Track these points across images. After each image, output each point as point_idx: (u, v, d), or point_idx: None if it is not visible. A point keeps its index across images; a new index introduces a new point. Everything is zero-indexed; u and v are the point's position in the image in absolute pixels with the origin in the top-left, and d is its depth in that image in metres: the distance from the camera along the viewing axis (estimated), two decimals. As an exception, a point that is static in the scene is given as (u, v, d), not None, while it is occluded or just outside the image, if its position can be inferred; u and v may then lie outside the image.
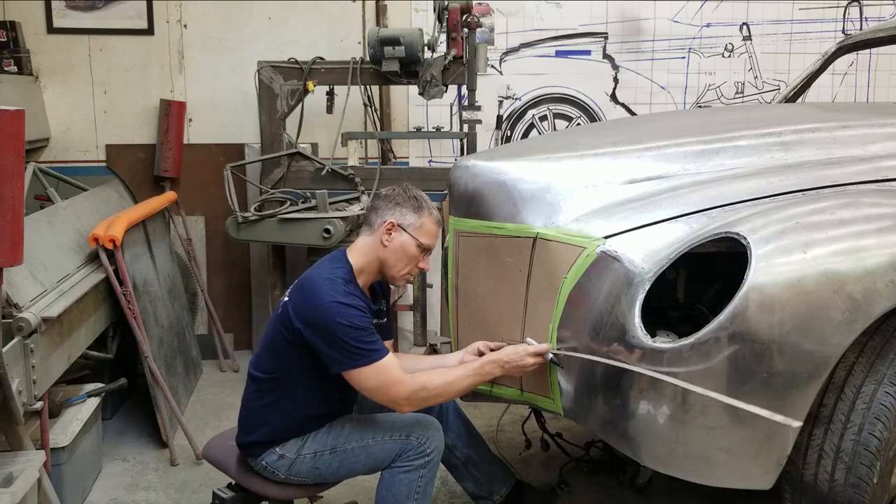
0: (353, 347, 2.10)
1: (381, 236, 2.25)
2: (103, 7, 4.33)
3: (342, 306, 2.10)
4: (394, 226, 2.25)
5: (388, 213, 2.27)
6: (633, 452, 2.01)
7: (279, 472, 2.27)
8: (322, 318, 2.10)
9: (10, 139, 2.12)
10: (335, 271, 2.21)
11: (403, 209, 2.26)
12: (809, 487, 1.99)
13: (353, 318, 2.10)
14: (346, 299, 2.12)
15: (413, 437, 2.24)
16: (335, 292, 2.12)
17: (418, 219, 2.26)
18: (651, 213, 2.13)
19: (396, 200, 2.27)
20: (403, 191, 2.30)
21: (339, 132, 4.05)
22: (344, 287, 2.16)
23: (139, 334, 3.24)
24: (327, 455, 2.26)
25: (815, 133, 2.34)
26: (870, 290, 1.80)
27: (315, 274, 2.22)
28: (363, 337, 2.11)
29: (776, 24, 4.68)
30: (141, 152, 4.45)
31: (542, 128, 4.70)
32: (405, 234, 2.25)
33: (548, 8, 4.57)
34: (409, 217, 2.26)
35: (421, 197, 2.30)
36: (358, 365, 2.11)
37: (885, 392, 1.92)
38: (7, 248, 2.17)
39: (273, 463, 2.27)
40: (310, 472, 2.27)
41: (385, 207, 2.28)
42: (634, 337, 1.92)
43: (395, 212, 2.26)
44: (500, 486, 2.61)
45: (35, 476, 2.35)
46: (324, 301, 2.11)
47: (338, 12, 4.48)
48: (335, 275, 2.19)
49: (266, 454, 2.27)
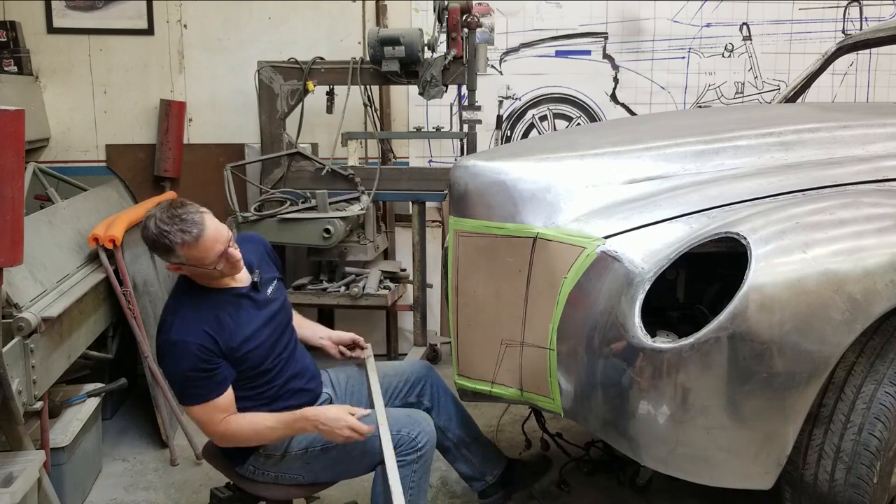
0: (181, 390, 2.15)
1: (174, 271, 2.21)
2: (103, 7, 4.33)
3: (173, 346, 2.10)
4: (175, 266, 2.16)
5: (162, 256, 2.17)
6: (633, 452, 2.01)
7: (268, 472, 2.27)
8: (161, 358, 2.17)
9: (10, 139, 2.12)
10: (179, 292, 2.21)
11: (164, 254, 2.13)
12: (809, 487, 1.99)
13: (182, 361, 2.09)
14: (179, 335, 2.09)
15: (404, 431, 2.24)
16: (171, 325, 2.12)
17: (179, 257, 2.11)
18: (651, 213, 2.13)
19: (154, 247, 2.13)
20: (149, 234, 2.11)
21: (339, 132, 4.05)
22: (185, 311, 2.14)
23: (139, 334, 3.24)
24: (318, 451, 2.25)
25: (815, 133, 2.34)
26: (870, 290, 1.80)
27: (165, 305, 2.23)
28: (191, 383, 2.11)
29: (776, 24, 4.68)
30: (141, 152, 4.45)
31: (542, 128, 4.70)
32: (187, 266, 2.15)
33: (548, 8, 4.57)
34: (172, 257, 2.13)
35: (161, 236, 2.08)
36: (184, 404, 2.17)
37: (885, 392, 1.92)
38: (7, 248, 2.17)
39: (260, 465, 2.26)
40: (301, 468, 2.26)
41: (155, 252, 2.17)
42: (634, 337, 1.92)
43: (161, 256, 2.16)
44: (493, 468, 2.62)
45: (35, 476, 2.35)
46: (161, 339, 2.14)
47: (338, 12, 4.48)
48: (179, 299, 2.19)
49: (250, 458, 2.26)
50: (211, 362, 2.11)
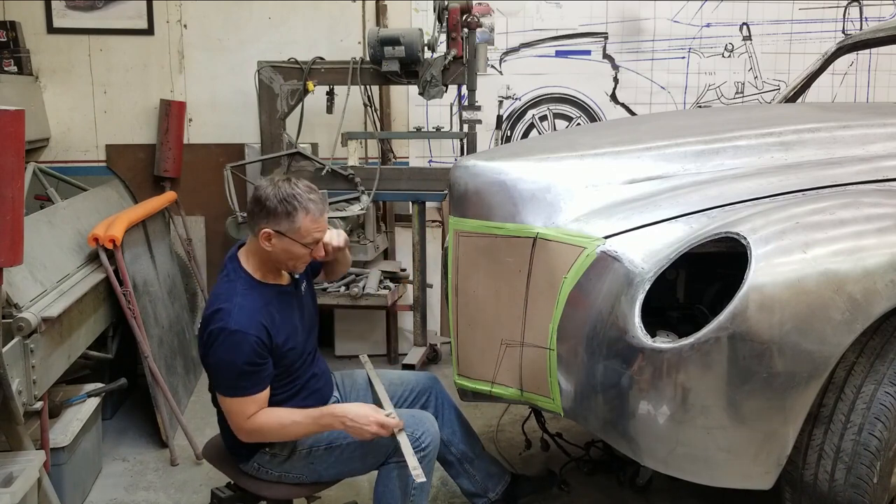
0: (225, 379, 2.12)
1: (262, 243, 2.16)
2: (103, 7, 4.33)
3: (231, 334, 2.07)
4: (270, 234, 2.14)
5: (262, 221, 2.14)
6: (633, 452, 2.01)
7: (272, 471, 2.26)
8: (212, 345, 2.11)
9: (10, 139, 2.12)
10: (233, 284, 2.17)
11: (275, 217, 2.12)
12: (809, 487, 1.99)
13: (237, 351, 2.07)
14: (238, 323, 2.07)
15: (407, 431, 2.23)
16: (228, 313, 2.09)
17: (293, 223, 2.12)
18: (651, 213, 2.13)
19: (267, 207, 2.12)
20: (274, 193, 2.12)
21: (339, 132, 4.05)
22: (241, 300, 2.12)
23: (139, 334, 3.24)
24: (322, 450, 2.25)
25: (815, 133, 2.34)
26: (870, 290, 1.80)
27: (216, 294, 2.18)
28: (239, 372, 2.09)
29: (776, 24, 4.68)
30: (141, 152, 4.45)
31: (542, 128, 4.70)
32: (285, 239, 2.14)
33: (548, 8, 4.57)
34: (284, 223, 2.12)
35: (293, 196, 2.12)
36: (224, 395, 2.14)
37: (885, 392, 1.92)
38: (7, 248, 2.17)
39: (265, 463, 2.26)
40: (305, 468, 2.26)
41: (258, 214, 2.15)
42: (634, 337, 1.92)
43: (267, 220, 2.13)
44: (496, 484, 2.61)
45: (35, 476, 2.35)
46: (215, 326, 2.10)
47: (338, 12, 4.48)
48: (233, 289, 2.15)
49: (256, 455, 2.26)
50: (262, 357, 2.12)
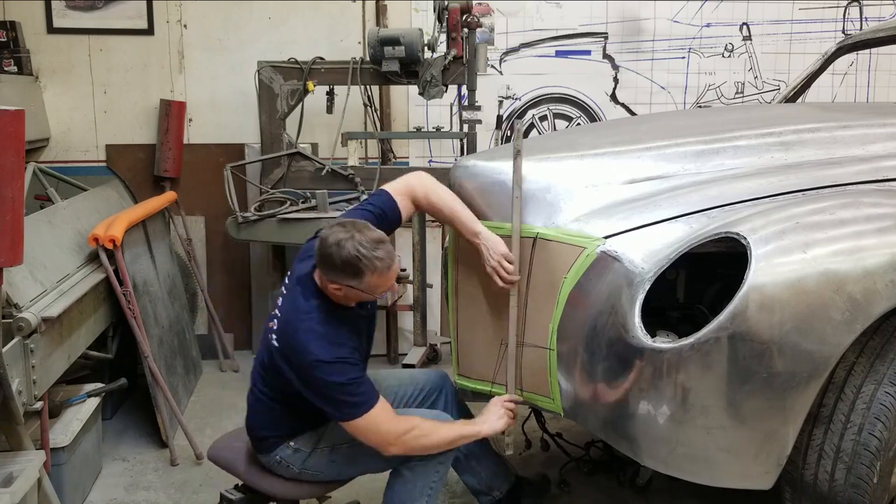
0: (341, 403, 2.08)
1: (330, 290, 2.11)
2: (103, 7, 4.33)
3: (325, 365, 2.03)
4: (339, 287, 2.08)
5: (330, 276, 2.07)
6: (633, 452, 2.01)
7: (293, 466, 2.26)
8: (307, 377, 2.07)
9: (10, 139, 2.12)
10: (312, 313, 2.10)
11: (343, 276, 2.05)
12: (809, 487, 1.99)
13: (339, 374, 2.04)
14: (328, 354, 2.04)
15: None
16: (317, 349, 2.04)
17: (360, 283, 2.05)
18: (651, 213, 2.13)
19: (335, 268, 2.04)
20: (338, 254, 2.02)
21: (339, 132, 4.05)
22: (325, 335, 2.07)
23: (139, 334, 3.24)
24: (345, 448, 2.25)
25: (815, 133, 2.34)
26: (870, 290, 1.80)
27: (297, 324, 2.09)
28: (350, 391, 2.06)
29: (776, 24, 4.68)
30: (141, 152, 4.45)
31: (542, 128, 4.70)
32: (354, 290, 2.09)
33: (548, 8, 4.57)
34: (352, 282, 2.05)
35: (357, 260, 2.01)
36: (347, 418, 2.09)
37: (885, 392, 1.92)
38: (7, 248, 2.17)
39: (287, 457, 2.26)
40: (325, 465, 2.26)
41: (324, 267, 2.07)
42: (634, 337, 1.92)
43: (335, 275, 2.06)
44: (501, 483, 2.61)
45: (35, 476, 2.35)
46: (308, 359, 2.04)
47: (338, 12, 4.48)
48: (315, 322, 2.08)
49: (280, 448, 2.26)
50: (359, 371, 2.10)
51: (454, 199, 2.32)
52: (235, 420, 3.66)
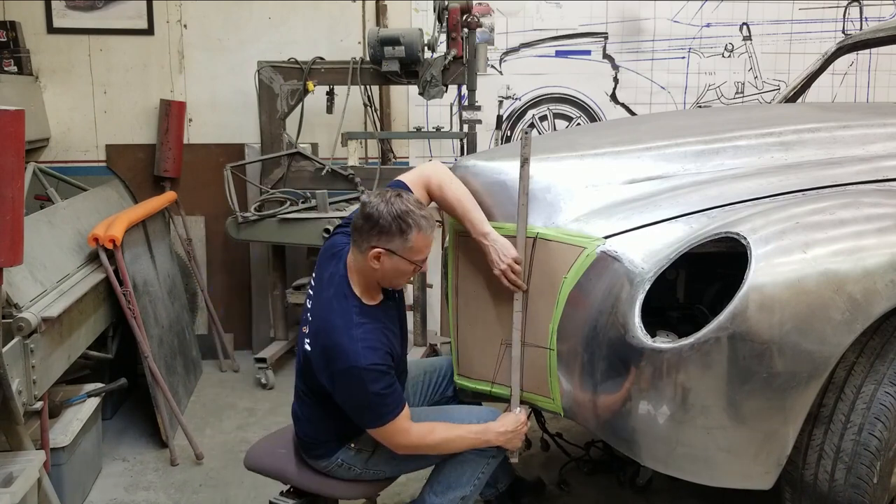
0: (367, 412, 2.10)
1: (369, 262, 2.09)
2: (103, 7, 4.33)
3: (360, 371, 2.02)
4: (380, 254, 2.07)
5: (373, 239, 2.06)
6: (633, 452, 2.01)
7: (356, 467, 2.25)
8: (339, 380, 2.07)
9: (10, 139, 2.12)
10: (348, 314, 2.10)
11: (388, 235, 2.05)
12: (809, 487, 1.99)
13: (372, 382, 2.03)
14: (365, 360, 2.02)
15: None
16: (353, 352, 2.03)
17: (405, 242, 2.06)
18: (651, 213, 2.13)
19: (380, 225, 2.05)
20: (388, 210, 2.04)
21: (339, 132, 4.05)
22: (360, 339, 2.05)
23: (139, 334, 3.24)
24: None
25: (815, 133, 2.34)
26: (870, 290, 1.80)
27: (332, 328, 2.08)
28: (379, 402, 2.07)
29: (776, 24, 4.68)
30: (141, 152, 4.45)
31: (542, 128, 4.70)
32: (395, 257, 2.08)
33: (548, 8, 4.57)
34: (396, 242, 2.06)
35: (407, 213, 2.05)
36: (369, 426, 2.13)
37: (885, 392, 1.92)
38: (7, 248, 2.17)
39: (350, 459, 2.25)
40: (388, 463, 2.26)
41: (367, 231, 2.07)
42: (634, 337, 1.92)
43: (379, 238, 2.06)
44: (504, 477, 2.63)
45: (35, 476, 2.35)
46: (341, 365, 2.04)
47: (338, 12, 4.48)
48: (350, 320, 2.08)
49: (340, 451, 2.24)
50: (392, 377, 2.10)
51: (468, 195, 2.30)
52: (235, 420, 3.66)
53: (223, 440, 3.44)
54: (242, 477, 2.97)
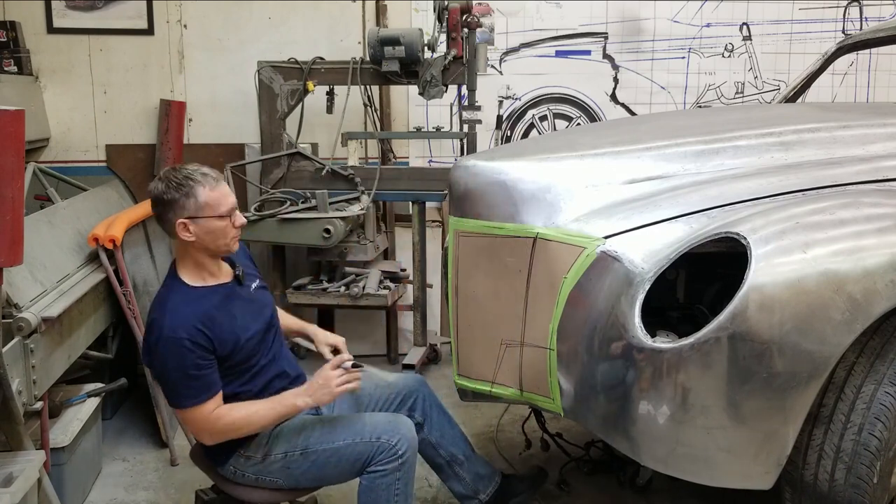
0: (171, 387, 2.12)
1: (182, 237, 2.14)
2: (103, 7, 4.33)
3: (166, 342, 2.06)
4: (185, 224, 2.12)
5: (171, 216, 2.13)
6: (633, 452, 2.01)
7: (248, 473, 2.25)
8: (150, 354, 2.13)
9: (10, 139, 2.12)
10: (166, 293, 2.17)
11: (179, 204, 2.11)
12: (809, 487, 1.99)
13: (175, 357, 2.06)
14: (173, 332, 2.06)
15: (384, 438, 2.20)
16: (162, 324, 2.08)
17: (197, 202, 2.11)
18: (651, 213, 2.13)
19: (166, 201, 2.12)
20: (166, 185, 2.12)
21: (339, 132, 4.05)
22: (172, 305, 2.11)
23: (139, 334, 3.24)
24: (298, 456, 2.24)
25: (815, 133, 2.34)
26: (870, 290, 1.80)
27: (151, 306, 2.19)
28: (184, 383, 2.09)
29: (776, 24, 4.68)
30: (141, 152, 4.45)
31: (542, 128, 4.70)
32: (199, 220, 2.13)
33: (548, 8, 4.57)
34: (190, 206, 2.11)
35: (184, 179, 2.12)
36: (173, 405, 2.17)
37: (885, 392, 1.92)
38: (7, 248, 2.17)
39: (241, 466, 2.25)
40: (280, 472, 2.25)
41: (163, 212, 2.14)
42: (634, 337, 1.92)
43: (175, 212, 2.12)
44: (486, 485, 2.59)
45: (35, 476, 2.35)
46: (151, 337, 2.11)
47: (338, 12, 4.48)
48: (166, 297, 2.16)
49: (232, 458, 2.25)
50: (205, 358, 2.10)
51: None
52: (235, 420, 3.66)
53: (223, 440, 3.44)
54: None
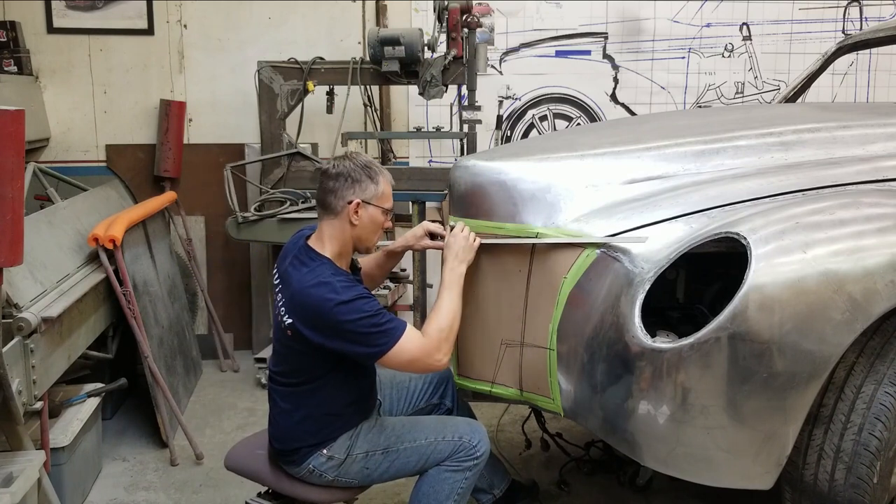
0: (374, 335, 2.07)
1: (349, 217, 2.19)
2: (103, 7, 4.33)
3: (347, 304, 2.06)
4: (359, 204, 2.19)
5: (349, 193, 2.19)
6: (633, 452, 2.01)
7: (327, 475, 2.23)
8: (336, 324, 2.06)
9: (10, 139, 2.12)
10: (320, 272, 2.13)
11: (362, 184, 2.19)
12: (809, 487, 1.99)
13: (362, 309, 2.06)
14: (346, 294, 2.07)
15: (465, 438, 2.24)
16: (334, 293, 2.07)
17: (377, 187, 2.21)
18: (651, 213, 2.13)
19: (352, 177, 2.19)
20: (352, 163, 2.21)
21: (339, 132, 4.05)
22: (337, 283, 2.11)
23: (139, 334, 3.24)
24: (379, 455, 2.24)
25: (815, 133, 2.34)
26: (870, 290, 1.80)
27: (304, 285, 2.12)
28: (378, 321, 2.08)
29: (776, 24, 4.68)
30: (141, 152, 4.45)
31: (542, 128, 4.70)
32: (371, 207, 2.21)
33: (548, 8, 4.57)
34: (370, 189, 2.20)
35: (370, 163, 2.24)
36: (386, 349, 2.08)
37: (885, 392, 1.92)
38: (7, 248, 2.17)
39: (321, 465, 2.22)
40: (359, 472, 2.24)
41: (343, 187, 2.20)
42: (634, 337, 1.92)
43: (354, 189, 2.19)
44: (500, 481, 2.62)
45: (35, 476, 2.35)
46: (330, 308, 2.06)
47: (338, 12, 4.48)
48: (323, 276, 2.12)
49: (312, 458, 2.22)
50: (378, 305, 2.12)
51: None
52: (235, 420, 3.66)
53: (223, 440, 3.44)
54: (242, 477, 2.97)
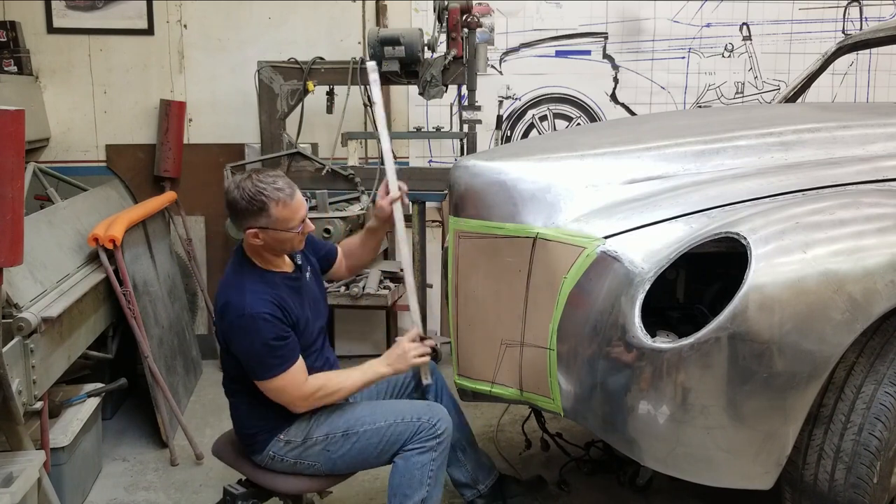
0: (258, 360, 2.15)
1: (251, 240, 2.21)
2: (103, 7, 4.33)
3: (251, 319, 2.12)
4: (256, 232, 2.18)
5: (244, 221, 2.19)
6: (633, 452, 2.01)
7: (287, 458, 2.27)
8: (234, 331, 2.16)
9: (10, 139, 2.12)
10: (241, 275, 2.23)
11: (252, 215, 2.17)
12: (809, 487, 1.99)
13: (261, 330, 2.12)
14: (255, 308, 2.12)
15: (424, 418, 2.26)
16: (243, 302, 2.14)
17: (269, 217, 2.16)
18: (651, 213, 2.13)
19: (241, 207, 2.16)
20: (241, 195, 2.16)
21: (339, 132, 4.05)
22: (250, 286, 2.17)
23: (139, 334, 3.24)
24: (339, 437, 2.26)
25: (815, 133, 2.34)
26: (870, 290, 1.80)
27: (226, 286, 2.23)
28: (272, 353, 2.14)
29: (776, 24, 4.68)
30: (141, 152, 4.45)
31: (542, 128, 4.70)
32: (269, 231, 2.19)
33: (548, 8, 4.57)
34: (262, 219, 2.17)
35: (258, 194, 2.15)
36: (260, 378, 2.18)
37: (885, 392, 1.92)
38: (7, 248, 2.17)
39: (280, 451, 2.27)
40: (320, 454, 2.27)
41: (236, 217, 2.20)
42: (634, 337, 1.92)
43: (247, 219, 2.18)
44: (486, 476, 2.62)
45: (35, 476, 2.35)
46: (233, 314, 2.15)
47: (338, 12, 4.48)
48: (241, 278, 2.21)
49: (271, 444, 2.27)
50: (285, 330, 2.17)
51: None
52: (235, 420, 3.66)
53: (223, 440, 3.44)
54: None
